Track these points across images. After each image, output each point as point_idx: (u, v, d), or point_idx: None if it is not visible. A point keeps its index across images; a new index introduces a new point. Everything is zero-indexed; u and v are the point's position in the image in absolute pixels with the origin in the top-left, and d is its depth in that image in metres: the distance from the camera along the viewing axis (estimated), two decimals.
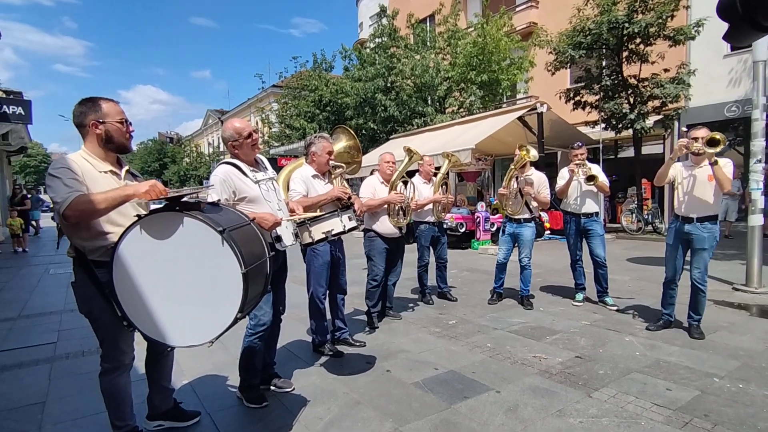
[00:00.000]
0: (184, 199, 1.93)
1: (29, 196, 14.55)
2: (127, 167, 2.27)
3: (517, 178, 4.87)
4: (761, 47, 5.53)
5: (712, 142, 3.54)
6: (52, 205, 2.07)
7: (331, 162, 3.45)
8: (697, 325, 3.90)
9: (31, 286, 6.90)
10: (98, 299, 2.05)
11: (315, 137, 3.45)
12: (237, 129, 2.58)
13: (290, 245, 2.62)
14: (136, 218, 1.91)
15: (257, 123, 25.46)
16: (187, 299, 1.92)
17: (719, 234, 3.83)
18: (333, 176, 3.50)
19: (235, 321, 1.92)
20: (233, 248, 1.84)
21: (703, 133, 3.67)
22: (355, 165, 3.92)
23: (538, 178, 4.87)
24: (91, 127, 2.10)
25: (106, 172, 2.11)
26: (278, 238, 2.49)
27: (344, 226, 2.58)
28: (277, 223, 2.47)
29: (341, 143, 3.77)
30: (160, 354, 2.45)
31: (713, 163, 3.61)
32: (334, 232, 2.54)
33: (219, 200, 2.48)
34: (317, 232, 2.53)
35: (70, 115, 2.15)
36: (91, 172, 2.05)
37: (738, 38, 2.10)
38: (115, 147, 2.18)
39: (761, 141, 5.51)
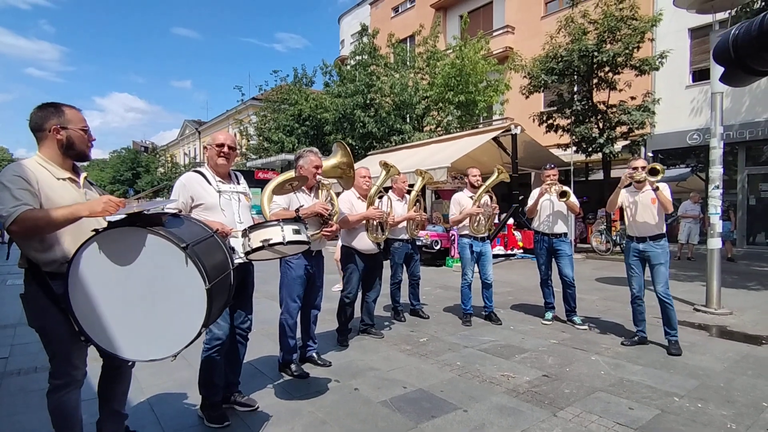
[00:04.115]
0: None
1: None
2: (85, 174, 2.20)
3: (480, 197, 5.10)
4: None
5: (653, 171, 4.03)
6: None
7: (318, 177, 3.43)
8: (675, 341, 4.05)
9: None
10: (53, 312, 1.96)
11: (304, 151, 3.46)
12: (214, 136, 2.81)
13: (241, 257, 2.54)
14: (94, 233, 1.83)
15: (235, 135, 25.27)
16: (149, 313, 1.85)
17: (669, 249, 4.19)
18: (322, 190, 3.47)
19: (198, 335, 1.88)
20: (197, 265, 1.81)
21: (641, 163, 4.18)
22: (349, 179, 3.86)
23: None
24: (52, 132, 2.04)
25: (64, 179, 2.05)
26: (232, 249, 2.45)
27: (283, 237, 2.42)
28: (225, 233, 2.43)
29: (333, 160, 3.69)
30: (116, 370, 2.34)
31: (655, 189, 4.05)
32: (272, 242, 2.41)
33: (180, 210, 2.49)
34: (255, 239, 2.41)
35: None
36: (48, 179, 1.98)
37: (733, 80, 2.21)
38: (75, 154, 2.12)
39: (719, 168, 5.79)
